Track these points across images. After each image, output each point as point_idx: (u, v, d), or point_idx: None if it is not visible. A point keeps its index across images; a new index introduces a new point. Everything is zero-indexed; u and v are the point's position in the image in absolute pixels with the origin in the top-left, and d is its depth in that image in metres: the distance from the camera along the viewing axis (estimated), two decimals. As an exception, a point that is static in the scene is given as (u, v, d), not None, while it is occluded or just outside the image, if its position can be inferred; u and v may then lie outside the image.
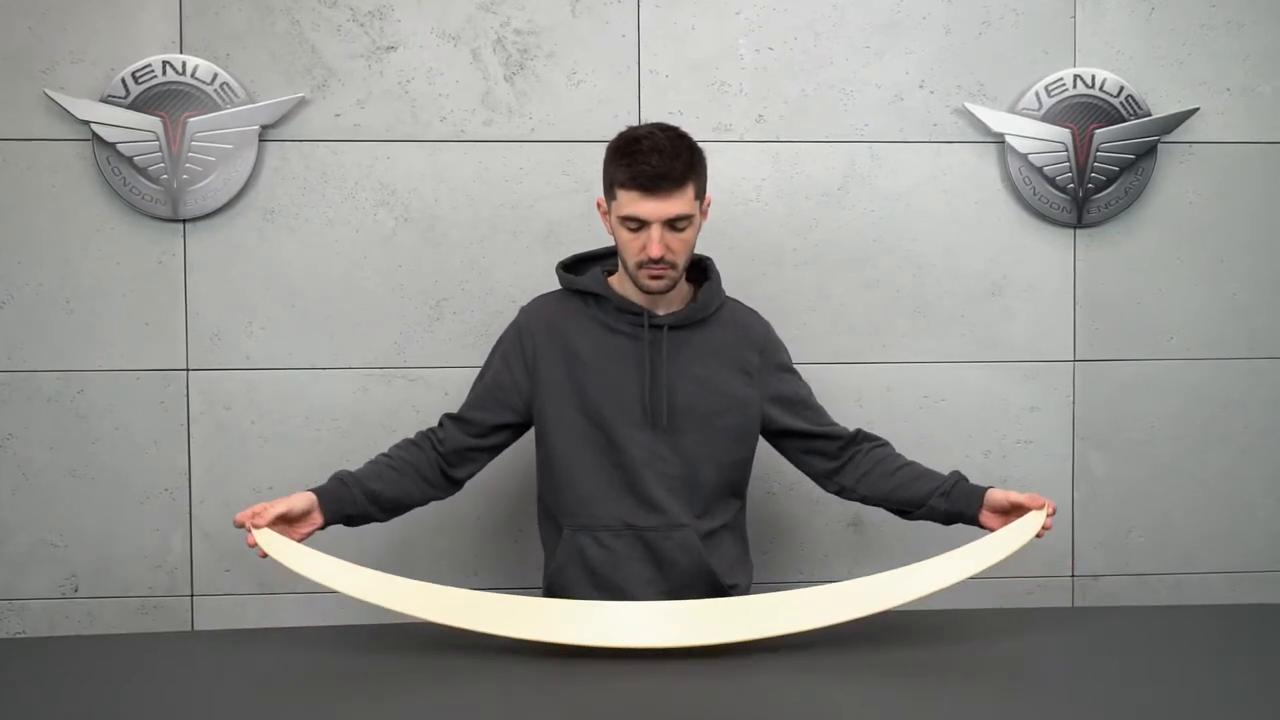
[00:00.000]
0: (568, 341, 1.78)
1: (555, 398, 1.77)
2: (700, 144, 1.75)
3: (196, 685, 1.39)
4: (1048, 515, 1.65)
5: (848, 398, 2.24)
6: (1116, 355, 2.28)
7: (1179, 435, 2.30)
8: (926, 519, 1.81)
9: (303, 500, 1.65)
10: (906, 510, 1.82)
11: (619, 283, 1.80)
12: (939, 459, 1.90)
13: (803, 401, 1.88)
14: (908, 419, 2.25)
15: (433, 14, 2.16)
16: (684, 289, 1.81)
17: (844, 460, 1.85)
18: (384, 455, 1.79)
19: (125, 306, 2.14)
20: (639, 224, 1.69)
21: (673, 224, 1.69)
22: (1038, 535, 1.65)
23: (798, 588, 1.71)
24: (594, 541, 1.76)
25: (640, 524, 1.75)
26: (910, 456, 1.86)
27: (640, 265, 1.71)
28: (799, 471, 1.93)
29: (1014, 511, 1.69)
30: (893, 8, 2.22)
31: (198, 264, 2.16)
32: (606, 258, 1.87)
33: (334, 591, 1.57)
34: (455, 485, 1.83)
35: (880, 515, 1.90)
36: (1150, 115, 2.23)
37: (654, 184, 1.66)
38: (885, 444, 1.88)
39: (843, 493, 1.87)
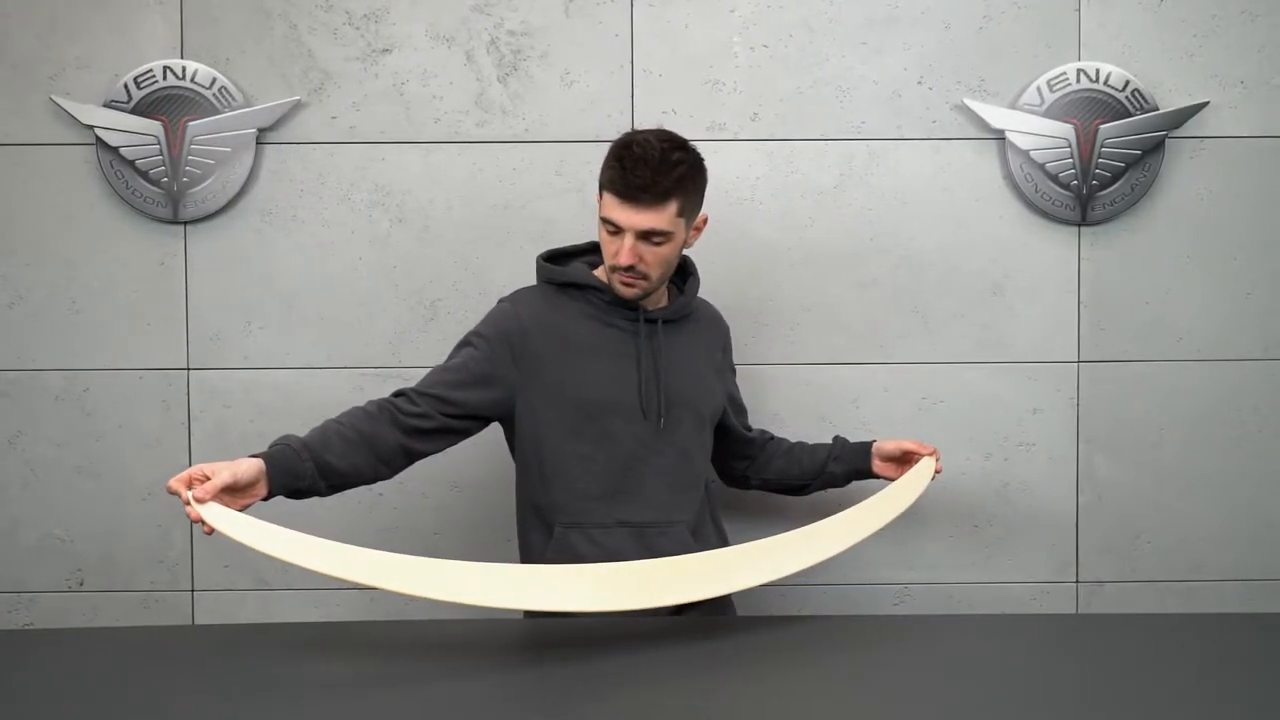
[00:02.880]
0: (563, 335, 1.74)
1: (548, 392, 1.73)
2: (695, 143, 1.72)
3: (196, 678, 1.40)
4: (936, 461, 1.88)
5: (844, 399, 2.21)
6: (1122, 356, 2.22)
7: (1187, 438, 2.23)
8: (825, 487, 1.97)
9: (250, 469, 1.46)
10: (803, 485, 1.97)
11: (604, 276, 1.78)
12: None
13: (739, 404, 1.97)
14: (906, 421, 2.21)
15: (427, 16, 2.17)
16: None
17: (753, 459, 1.99)
18: (335, 422, 1.62)
19: (128, 307, 2.19)
20: (615, 229, 1.68)
21: (648, 236, 1.67)
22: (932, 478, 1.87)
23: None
24: (586, 539, 1.73)
25: (634, 520, 1.74)
26: None
27: (613, 269, 1.71)
28: None
29: (904, 457, 1.89)
30: (890, 2, 2.19)
31: (198, 265, 2.19)
32: (586, 253, 1.85)
33: (321, 574, 1.39)
34: (406, 464, 1.69)
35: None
36: (1157, 110, 2.17)
37: (634, 194, 1.64)
38: (773, 435, 2.01)
39: (745, 484, 2.02)
